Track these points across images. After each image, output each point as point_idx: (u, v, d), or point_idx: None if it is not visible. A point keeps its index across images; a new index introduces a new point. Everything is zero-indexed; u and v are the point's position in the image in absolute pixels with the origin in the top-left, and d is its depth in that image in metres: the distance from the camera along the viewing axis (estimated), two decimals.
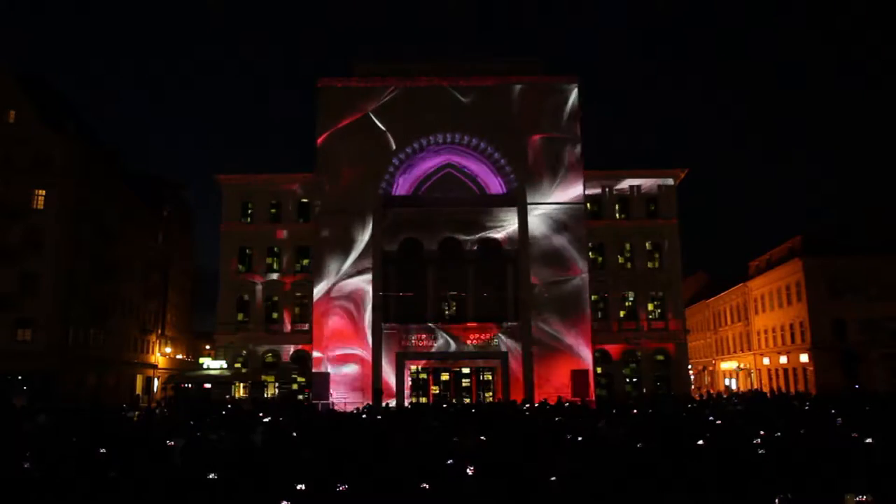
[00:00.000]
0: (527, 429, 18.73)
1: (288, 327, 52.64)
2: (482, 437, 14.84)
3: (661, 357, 52.24)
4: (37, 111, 50.67)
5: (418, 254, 50.87)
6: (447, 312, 50.80)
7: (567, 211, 49.25)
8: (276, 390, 50.81)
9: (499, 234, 50.87)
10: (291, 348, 52.09)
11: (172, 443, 14.71)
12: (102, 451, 12.92)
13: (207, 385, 50.83)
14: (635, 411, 25.95)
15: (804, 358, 58.39)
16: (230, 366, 51.54)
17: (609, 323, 52.41)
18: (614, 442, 14.84)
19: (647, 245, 53.56)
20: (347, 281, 48.48)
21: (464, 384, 50.09)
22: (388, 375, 48.25)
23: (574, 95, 50.98)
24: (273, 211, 54.21)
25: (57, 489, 9.88)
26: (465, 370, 50.36)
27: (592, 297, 50.82)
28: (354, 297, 48.22)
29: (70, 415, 26.82)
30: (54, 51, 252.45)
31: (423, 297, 50.25)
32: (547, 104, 50.67)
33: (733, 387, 71.27)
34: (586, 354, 47.67)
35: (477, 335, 49.12)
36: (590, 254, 51.25)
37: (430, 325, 49.20)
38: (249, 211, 54.18)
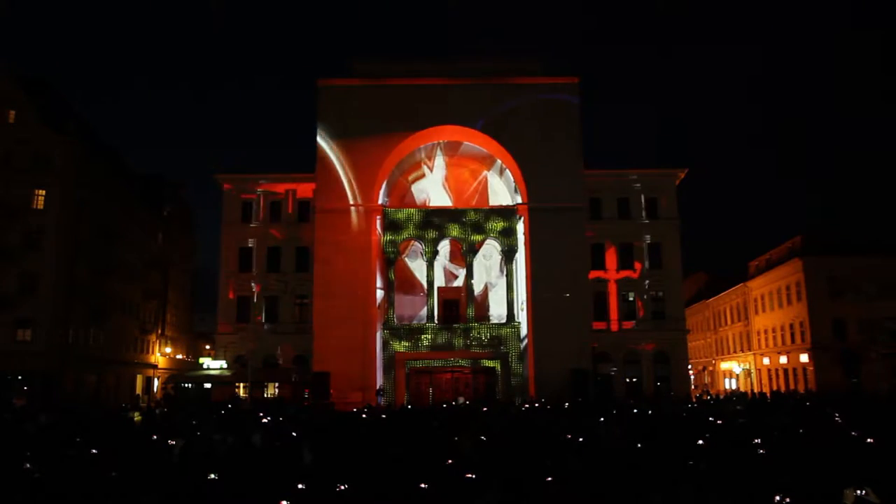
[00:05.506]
0: (526, 429, 18.74)
1: (288, 327, 52.67)
2: (482, 438, 14.84)
3: (661, 357, 52.24)
4: (37, 111, 50.61)
5: (418, 254, 50.85)
6: (447, 312, 50.78)
7: (567, 211, 49.07)
8: (276, 390, 50.80)
9: (499, 234, 50.83)
10: (291, 348, 52.09)
11: (173, 442, 14.72)
12: (102, 450, 12.93)
13: (207, 385, 50.83)
14: (635, 411, 25.99)
15: (804, 358, 58.37)
16: (230, 366, 51.54)
17: (609, 323, 52.44)
18: (614, 442, 14.85)
19: (647, 244, 53.56)
20: (347, 281, 48.38)
21: (464, 384, 50.08)
22: (389, 375, 48.28)
23: (574, 95, 50.90)
24: (273, 211, 54.26)
25: (57, 489, 9.88)
26: (465, 370, 50.35)
27: (592, 297, 50.78)
28: (355, 297, 48.14)
29: (70, 415, 26.81)
30: (55, 51, 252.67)
31: (423, 297, 50.31)
32: (547, 104, 50.53)
33: (733, 386, 71.23)
34: (586, 354, 47.62)
35: (477, 336, 49.09)
36: (590, 253, 51.23)
37: (430, 324, 49.21)
38: (249, 211, 54.22)
